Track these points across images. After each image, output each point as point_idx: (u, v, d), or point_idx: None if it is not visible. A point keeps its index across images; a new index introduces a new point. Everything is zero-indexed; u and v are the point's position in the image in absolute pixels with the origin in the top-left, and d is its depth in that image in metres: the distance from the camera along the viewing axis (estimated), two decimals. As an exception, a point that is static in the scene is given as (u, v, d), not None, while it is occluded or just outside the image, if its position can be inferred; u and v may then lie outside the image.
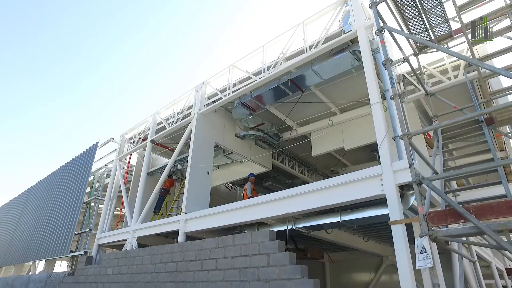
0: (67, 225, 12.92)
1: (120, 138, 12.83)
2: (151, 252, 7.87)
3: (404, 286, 4.27)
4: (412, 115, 8.16)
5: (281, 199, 6.17)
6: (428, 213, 3.89)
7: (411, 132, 4.33)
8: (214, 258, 6.35)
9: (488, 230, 3.41)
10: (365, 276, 12.06)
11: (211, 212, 7.37)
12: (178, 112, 10.05)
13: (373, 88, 5.69)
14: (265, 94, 8.33)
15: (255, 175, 10.42)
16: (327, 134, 9.61)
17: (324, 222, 6.59)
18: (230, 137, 9.89)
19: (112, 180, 12.13)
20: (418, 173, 4.04)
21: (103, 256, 9.85)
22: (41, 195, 17.26)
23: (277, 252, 5.41)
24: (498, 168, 4.73)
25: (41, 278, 12.52)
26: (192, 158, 8.44)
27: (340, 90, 8.79)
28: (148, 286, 7.49)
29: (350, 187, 5.35)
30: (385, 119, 5.46)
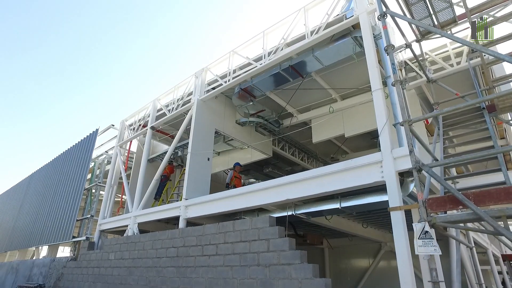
0: (69, 211, 13.04)
1: (120, 124, 12.81)
2: (152, 237, 7.97)
3: (402, 272, 4.33)
4: (413, 102, 8.12)
5: (281, 185, 6.20)
6: (427, 199, 3.92)
7: (412, 118, 4.32)
8: (214, 244, 6.43)
9: (486, 216, 3.43)
10: (364, 262, 12.23)
11: (211, 198, 7.42)
12: (178, 99, 10.01)
13: (374, 74, 5.64)
14: (264, 80, 8.26)
15: (240, 165, 10.59)
16: (327, 121, 9.58)
17: (323, 208, 6.64)
18: (230, 123, 9.88)
19: (112, 167, 12.18)
20: (418, 160, 4.05)
21: (105, 242, 9.98)
22: (43, 181, 17.36)
23: (276, 238, 5.48)
24: (498, 155, 4.73)
25: (45, 262, 12.71)
26: (193, 145, 8.45)
27: (341, 77, 8.72)
28: (150, 271, 7.61)
29: (350, 173, 5.37)
30: (386, 106, 5.43)
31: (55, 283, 11.25)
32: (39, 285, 11.98)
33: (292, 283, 5.03)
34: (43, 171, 18.10)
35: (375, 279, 11.61)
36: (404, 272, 4.32)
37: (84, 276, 9.86)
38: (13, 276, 14.54)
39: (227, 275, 5.97)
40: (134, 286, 7.84)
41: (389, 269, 11.37)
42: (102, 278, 9.05)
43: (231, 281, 5.87)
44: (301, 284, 4.93)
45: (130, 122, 12.48)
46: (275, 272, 5.30)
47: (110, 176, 12.04)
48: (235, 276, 5.83)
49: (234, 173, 10.08)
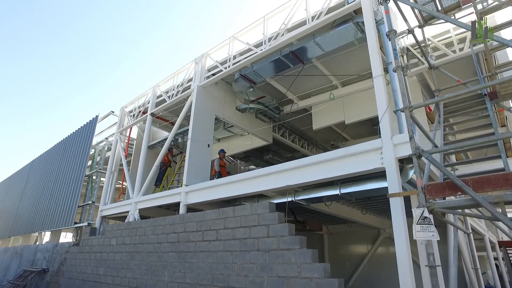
0: (70, 198, 13.14)
1: (120, 111, 12.77)
2: (153, 223, 8.05)
3: (400, 257, 4.39)
4: (415, 89, 8.07)
5: (281, 171, 6.22)
6: (427, 185, 3.94)
7: (413, 105, 4.30)
8: (214, 229, 6.50)
9: (484, 202, 3.46)
10: (362, 248, 12.38)
11: (211, 184, 7.46)
12: (178, 85, 9.95)
13: (375, 60, 5.59)
14: (265, 66, 8.19)
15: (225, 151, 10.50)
16: (328, 108, 9.55)
17: (323, 194, 6.68)
18: (230, 110, 9.84)
19: (113, 154, 12.21)
20: (418, 146, 4.05)
21: (106, 228, 10.09)
22: (43, 168, 17.43)
23: (276, 224, 5.53)
24: (498, 142, 4.73)
25: (48, 247, 12.90)
26: (193, 131, 8.45)
27: (342, 63, 8.64)
28: (151, 256, 7.72)
29: (350, 160, 5.38)
30: (387, 93, 5.40)
31: (59, 268, 11.44)
32: (43, 269, 12.19)
33: (292, 267, 5.11)
34: (43, 158, 18.16)
35: (373, 264, 11.79)
36: (402, 258, 4.38)
37: (87, 261, 10.01)
38: (17, 261, 14.78)
39: (227, 260, 6.06)
40: (135, 270, 7.97)
41: (387, 255, 11.52)
42: (104, 263, 9.20)
43: (231, 265, 5.96)
44: (300, 269, 5.00)
45: (130, 109, 12.44)
46: (275, 257, 5.37)
47: (110, 162, 12.08)
48: (235, 261, 5.92)
49: (220, 161, 10.03)
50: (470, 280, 7.37)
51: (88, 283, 9.51)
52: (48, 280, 11.73)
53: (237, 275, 5.81)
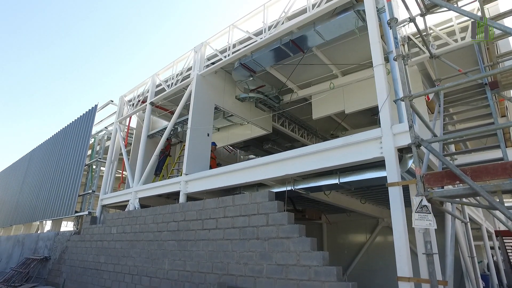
0: (70, 187, 13.20)
1: (119, 100, 12.73)
2: (153, 212, 8.11)
3: (398, 246, 4.44)
4: (415, 79, 8.03)
5: (280, 160, 6.24)
6: (425, 174, 3.95)
7: (413, 94, 4.28)
8: (214, 218, 6.56)
9: (482, 191, 3.48)
10: (361, 237, 12.50)
11: (211, 173, 7.49)
12: (178, 74, 9.90)
13: (376, 49, 5.55)
14: (265, 55, 8.13)
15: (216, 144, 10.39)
16: (327, 97, 9.51)
17: (322, 183, 6.71)
18: (230, 99, 9.81)
19: (112, 143, 12.21)
20: (417, 136, 4.05)
21: (107, 216, 10.17)
22: (43, 158, 17.46)
23: (276, 212, 5.57)
24: (498, 131, 4.73)
25: (49, 236, 13.02)
26: (192, 120, 8.43)
27: (342, 52, 8.57)
28: (151, 244, 7.80)
29: (350, 149, 5.39)
30: (387, 82, 5.38)
31: (60, 256, 11.56)
32: (45, 257, 12.33)
33: (291, 256, 5.17)
34: (43, 147, 18.17)
35: (371, 253, 11.92)
36: (400, 246, 4.42)
37: (88, 249, 10.12)
38: (19, 249, 14.94)
39: (227, 248, 6.13)
40: (136, 258, 8.06)
41: (386, 244, 11.64)
42: (105, 251, 9.30)
43: (231, 254, 6.03)
44: (299, 257, 5.06)
45: (129, 98, 12.39)
46: (274, 245, 5.43)
47: (110, 152, 12.09)
48: (235, 249, 5.99)
49: (211, 153, 9.93)
50: (466, 268, 7.46)
51: (89, 270, 9.63)
52: (50, 268, 11.87)
53: (236, 263, 5.88)
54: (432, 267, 3.76)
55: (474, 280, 6.87)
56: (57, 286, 10.89)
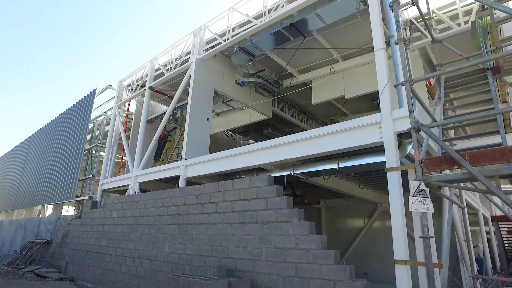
0: (70, 172, 13.26)
1: (118, 85, 12.63)
2: (153, 196, 8.17)
3: (396, 229, 4.50)
4: (416, 64, 7.94)
5: (280, 145, 6.25)
6: (424, 159, 3.97)
7: (413, 78, 4.25)
8: (214, 202, 6.61)
9: (480, 176, 3.49)
10: (359, 222, 12.64)
11: (210, 158, 7.51)
12: (177, 58, 9.80)
13: (377, 32, 5.48)
14: (265, 39, 8.02)
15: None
16: (328, 82, 9.44)
17: (321, 168, 6.74)
18: (229, 83, 9.74)
19: (112, 128, 12.19)
20: (417, 120, 4.04)
21: (107, 201, 10.25)
22: (43, 143, 17.47)
23: (275, 196, 5.62)
24: (498, 116, 4.72)
25: (51, 220, 13.16)
26: (192, 105, 8.40)
27: (343, 36, 8.45)
28: (152, 228, 7.89)
29: (349, 134, 5.39)
30: (388, 67, 5.33)
31: (62, 239, 11.72)
32: (47, 241, 12.50)
33: (289, 239, 5.24)
34: (42, 132, 18.15)
35: (369, 238, 12.08)
36: (397, 230, 4.49)
37: (89, 233, 10.25)
38: (22, 232, 15.13)
39: (226, 231, 6.21)
40: (137, 242, 8.17)
41: (383, 228, 11.78)
42: (106, 235, 9.42)
43: (230, 237, 6.11)
44: (298, 241, 5.14)
45: (128, 83, 12.30)
46: (273, 229, 5.50)
47: (109, 136, 12.09)
48: (234, 233, 6.07)
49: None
50: (462, 252, 7.59)
51: (91, 254, 9.78)
52: (52, 251, 12.06)
53: (236, 247, 5.97)
54: (428, 250, 3.82)
55: (469, 264, 6.98)
56: (60, 269, 11.08)
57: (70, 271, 10.53)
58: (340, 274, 4.58)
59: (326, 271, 4.72)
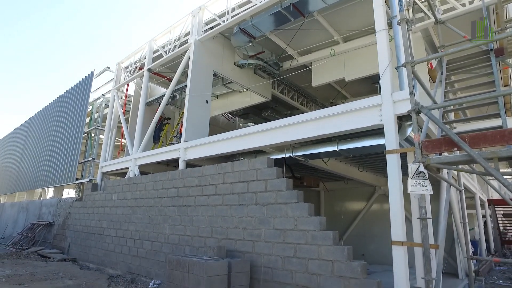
0: (70, 154, 13.28)
1: (116, 67, 12.49)
2: (153, 179, 8.21)
3: (394, 211, 4.55)
4: (419, 46, 7.81)
5: (279, 127, 6.23)
6: (424, 141, 3.96)
7: (415, 60, 4.19)
8: (213, 184, 6.65)
9: (479, 158, 3.50)
10: (358, 204, 12.75)
11: (210, 140, 7.51)
12: (175, 39, 9.64)
13: (379, 13, 5.38)
14: (264, 20, 7.87)
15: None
16: (328, 64, 9.33)
17: (321, 150, 6.75)
18: (229, 65, 9.62)
19: (110, 110, 12.13)
20: (417, 102, 4.02)
21: (107, 183, 10.31)
22: (42, 126, 17.43)
23: (274, 178, 5.65)
24: (499, 98, 4.69)
25: (52, 202, 13.28)
26: (191, 87, 8.33)
27: (344, 17, 8.29)
28: (152, 210, 7.97)
29: (349, 116, 5.37)
30: (389, 48, 5.26)
31: (64, 221, 11.86)
32: (49, 223, 12.65)
33: (288, 221, 5.30)
34: (41, 115, 18.07)
35: (367, 220, 12.22)
36: (395, 212, 4.53)
37: (90, 215, 10.36)
38: (24, 215, 15.30)
39: (226, 213, 6.27)
40: (138, 223, 8.27)
41: (381, 211, 11.90)
42: (107, 217, 9.52)
43: (230, 219, 6.18)
44: (297, 222, 5.20)
45: (126, 65, 12.15)
46: (272, 210, 5.55)
47: (108, 119, 12.05)
48: (234, 214, 6.13)
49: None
50: (458, 234, 7.70)
51: (93, 235, 9.91)
52: (55, 233, 12.22)
53: (235, 228, 6.05)
54: (426, 231, 3.87)
55: (464, 245, 7.10)
56: (63, 250, 11.26)
57: (73, 252, 10.70)
58: (338, 254, 4.66)
59: (324, 251, 4.80)
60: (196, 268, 4.93)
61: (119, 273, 8.20)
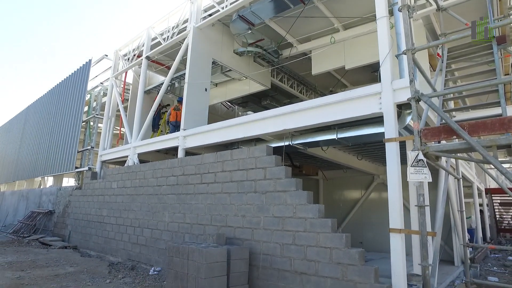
0: (69, 143, 13.26)
1: (114, 55, 12.37)
2: (152, 167, 8.22)
3: (392, 199, 4.57)
4: (420, 34, 7.73)
5: (279, 115, 6.22)
6: (423, 129, 3.96)
7: (416, 47, 4.16)
8: (213, 172, 6.66)
9: (478, 146, 3.51)
10: (356, 193, 12.83)
11: (209, 128, 7.50)
12: (173, 27, 9.52)
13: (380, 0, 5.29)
14: (264, 7, 7.76)
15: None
16: (328, 52, 9.24)
17: (320, 139, 6.75)
18: (228, 53, 9.53)
19: (109, 99, 12.07)
20: (417, 90, 4.00)
21: (106, 172, 10.33)
22: (40, 114, 17.35)
23: (273, 166, 5.65)
24: (499, 86, 4.67)
25: (52, 191, 13.33)
26: (189, 75, 8.27)
27: (345, 4, 8.18)
28: (151, 198, 8.01)
29: (348, 104, 5.35)
30: (390, 36, 5.20)
31: (64, 209, 11.92)
32: (49, 211, 12.72)
33: (287, 208, 5.34)
34: (39, 103, 17.97)
35: (365, 209, 12.31)
36: (393, 199, 4.56)
37: (90, 203, 10.40)
38: (24, 203, 15.37)
39: (225, 201, 6.31)
40: (137, 211, 8.32)
41: (379, 200, 11.98)
42: (107, 205, 9.56)
43: (229, 206, 6.21)
44: (296, 210, 5.23)
45: (124, 52, 12.03)
46: (271, 198, 5.58)
47: (107, 108, 11.99)
48: (233, 202, 6.16)
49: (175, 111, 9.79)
50: (455, 222, 7.78)
51: (93, 223, 9.98)
52: (55, 221, 12.30)
53: (234, 216, 6.09)
54: (423, 218, 3.90)
55: (461, 233, 7.17)
56: (63, 237, 11.35)
57: (73, 239, 10.79)
58: (337, 242, 4.70)
59: (323, 239, 4.84)
60: (196, 255, 4.98)
61: (120, 260, 8.29)
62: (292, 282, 5.06)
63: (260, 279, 5.45)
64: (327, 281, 4.68)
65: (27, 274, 6.54)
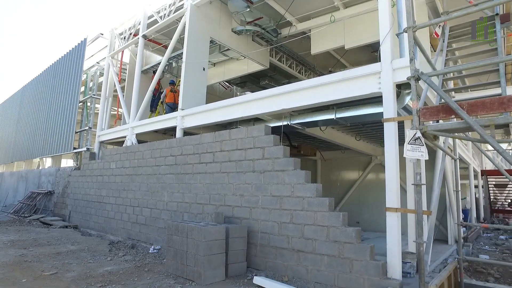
0: (66, 124, 13.18)
1: (110, 33, 12.12)
2: (151, 147, 8.23)
3: (389, 178, 4.61)
4: (421, 12, 7.58)
5: (277, 95, 6.18)
6: (421, 108, 3.95)
7: (417, 24, 4.08)
8: (211, 152, 6.68)
9: (476, 125, 3.51)
10: (354, 174, 12.92)
11: (207, 108, 7.45)
12: (170, 4, 9.30)
13: (383, -25, 5.15)
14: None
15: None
16: (327, 31, 9.08)
17: (319, 118, 6.74)
18: (226, 32, 9.35)
19: (105, 79, 11.92)
20: (417, 69, 3.96)
21: (105, 152, 10.33)
22: (36, 95, 17.15)
23: (271, 146, 5.67)
24: (500, 65, 4.63)
25: (51, 172, 13.37)
26: (187, 54, 8.14)
27: (346, -19, 7.99)
28: (150, 178, 8.05)
29: (347, 84, 5.31)
30: (391, 14, 5.11)
31: (63, 190, 11.99)
32: (49, 191, 12.80)
33: (285, 187, 5.39)
34: (34, 83, 17.73)
35: (362, 189, 12.44)
36: (390, 179, 4.61)
37: (89, 184, 10.46)
38: (24, 184, 15.44)
39: (223, 180, 6.35)
40: (136, 191, 8.38)
41: (377, 180, 12.08)
42: (106, 185, 9.62)
43: (227, 186, 6.26)
44: (293, 189, 5.28)
45: (120, 31, 11.79)
46: (269, 177, 5.62)
47: (104, 88, 11.86)
48: (231, 182, 6.21)
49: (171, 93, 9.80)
50: (450, 202, 7.88)
51: (92, 203, 10.07)
52: (55, 201, 12.40)
53: (233, 195, 6.15)
54: (419, 197, 3.94)
55: (456, 212, 7.28)
56: (64, 217, 11.48)
57: (74, 219, 10.91)
58: (334, 220, 4.77)
59: (320, 217, 4.92)
60: (195, 233, 5.06)
61: (120, 239, 8.42)
62: (289, 259, 5.17)
63: (258, 257, 5.57)
64: (324, 259, 4.79)
65: (29, 252, 6.65)
